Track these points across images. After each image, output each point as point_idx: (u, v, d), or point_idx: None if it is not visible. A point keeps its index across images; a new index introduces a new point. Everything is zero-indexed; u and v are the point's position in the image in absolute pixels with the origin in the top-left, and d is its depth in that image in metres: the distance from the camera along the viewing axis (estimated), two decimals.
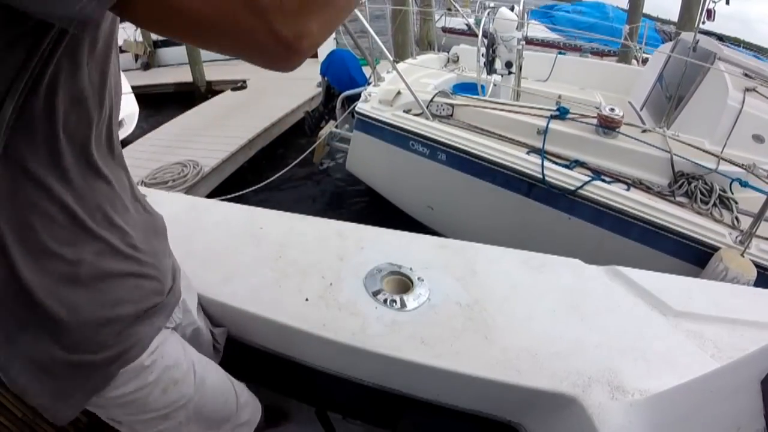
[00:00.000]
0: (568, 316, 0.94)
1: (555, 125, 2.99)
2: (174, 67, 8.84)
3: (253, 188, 3.83)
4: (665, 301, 0.97)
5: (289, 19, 0.39)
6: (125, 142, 4.89)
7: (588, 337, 0.88)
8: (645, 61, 5.48)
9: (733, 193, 2.70)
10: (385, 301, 0.96)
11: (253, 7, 0.38)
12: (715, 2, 3.58)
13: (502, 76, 3.99)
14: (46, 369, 0.58)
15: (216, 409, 0.83)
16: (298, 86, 6.38)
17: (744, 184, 2.61)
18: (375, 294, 0.98)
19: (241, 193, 3.69)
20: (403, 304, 0.95)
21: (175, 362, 0.72)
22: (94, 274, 0.58)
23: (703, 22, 3.46)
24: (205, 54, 7.49)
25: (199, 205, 1.32)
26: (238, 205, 1.36)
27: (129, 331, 0.62)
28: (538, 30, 9.04)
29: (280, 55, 0.41)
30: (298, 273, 1.04)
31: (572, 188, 2.74)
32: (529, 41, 6.33)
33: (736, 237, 2.44)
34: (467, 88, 4.19)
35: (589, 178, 2.73)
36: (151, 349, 0.66)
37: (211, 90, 7.68)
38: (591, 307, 0.96)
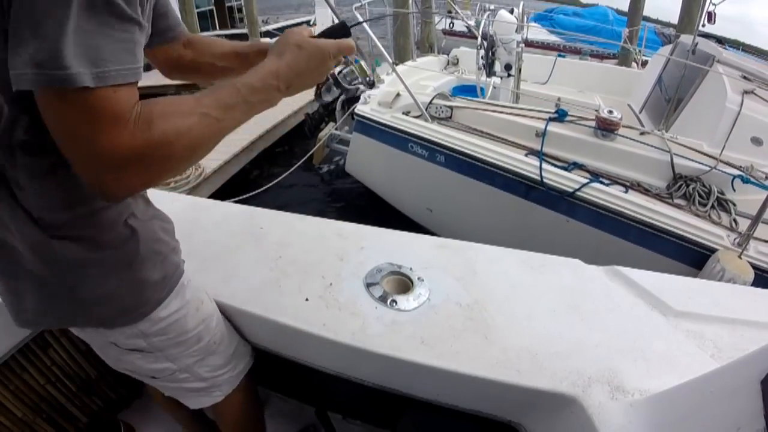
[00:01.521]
0: (568, 316, 0.94)
1: (553, 127, 3.00)
2: None
3: (254, 192, 3.82)
4: (665, 301, 0.97)
5: (115, 171, 0.50)
6: None
7: (588, 337, 0.88)
8: (645, 63, 5.50)
9: (735, 191, 2.70)
10: (385, 301, 0.96)
11: (93, 149, 0.48)
12: (715, 4, 3.57)
13: (501, 78, 4.00)
14: (118, 290, 0.72)
15: (228, 333, 0.97)
16: None
17: (746, 180, 2.61)
18: (375, 294, 0.98)
19: (242, 197, 3.68)
20: (403, 304, 0.95)
21: (196, 286, 0.87)
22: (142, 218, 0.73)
23: (703, 25, 3.46)
24: None
25: (199, 205, 1.32)
26: (238, 205, 1.36)
27: (170, 258, 0.78)
28: (537, 33, 9.06)
29: (100, 192, 0.52)
30: (298, 273, 1.04)
31: (570, 190, 2.75)
32: (529, 44, 6.35)
33: (734, 239, 2.44)
34: (467, 90, 4.20)
35: (588, 180, 2.74)
36: (185, 273, 0.83)
37: None
38: (591, 307, 0.96)
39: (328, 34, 0.75)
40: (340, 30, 0.75)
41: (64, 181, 0.62)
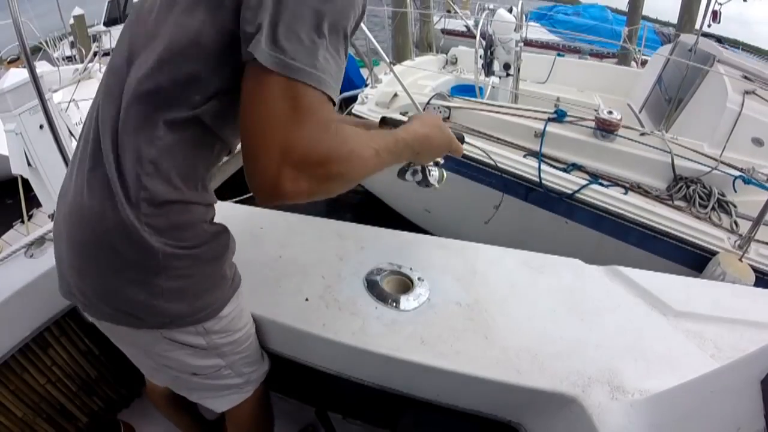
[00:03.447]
0: (568, 316, 0.94)
1: (552, 128, 2.98)
2: None
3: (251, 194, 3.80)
4: (665, 301, 0.97)
5: (296, 168, 0.54)
6: None
7: (588, 337, 0.88)
8: (644, 63, 5.49)
9: (736, 192, 2.68)
10: (385, 301, 0.96)
11: (290, 138, 0.54)
12: (721, 3, 3.49)
13: (500, 78, 3.99)
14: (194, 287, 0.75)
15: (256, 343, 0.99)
16: None
17: (748, 181, 2.60)
18: (375, 294, 0.98)
19: (242, 197, 3.67)
20: (403, 304, 0.95)
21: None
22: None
23: (709, 26, 3.39)
24: None
25: None
26: (238, 205, 1.36)
27: (233, 264, 0.84)
28: (537, 32, 9.05)
29: (268, 184, 0.55)
30: (298, 273, 1.04)
31: (569, 192, 2.74)
32: (528, 43, 6.34)
33: (735, 241, 2.43)
34: (466, 90, 4.19)
35: (587, 182, 2.73)
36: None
37: None
38: (591, 307, 0.96)
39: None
40: (460, 136, 0.97)
41: (191, 158, 0.69)
